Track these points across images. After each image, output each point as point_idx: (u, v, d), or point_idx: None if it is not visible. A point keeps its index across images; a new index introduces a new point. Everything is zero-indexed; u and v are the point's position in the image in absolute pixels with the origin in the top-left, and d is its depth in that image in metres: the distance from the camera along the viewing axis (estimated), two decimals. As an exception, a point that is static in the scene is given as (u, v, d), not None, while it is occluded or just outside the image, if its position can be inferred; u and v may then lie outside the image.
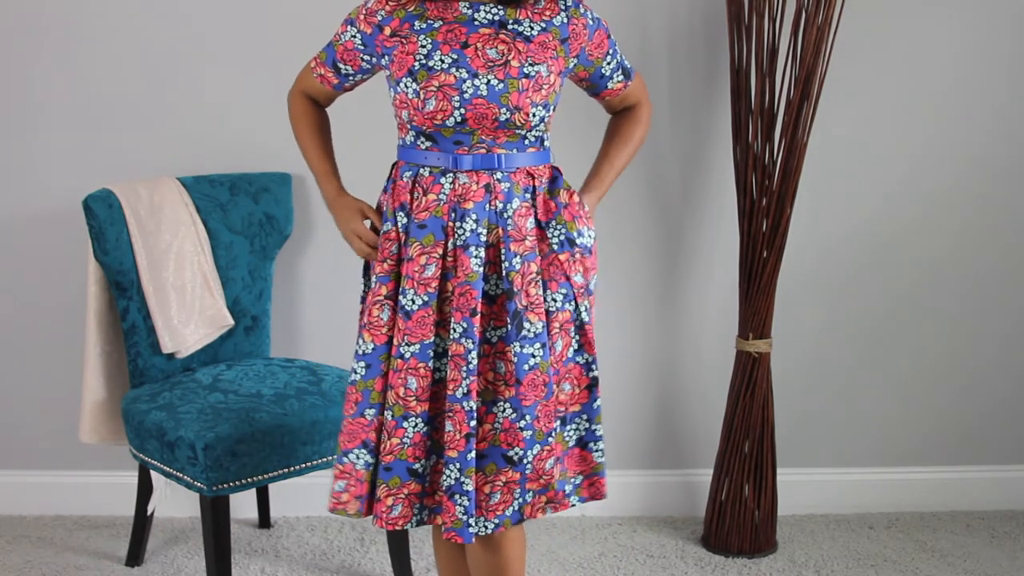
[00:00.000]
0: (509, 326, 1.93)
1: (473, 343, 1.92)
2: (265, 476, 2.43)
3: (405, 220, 1.97)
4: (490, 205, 1.94)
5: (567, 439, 2.06)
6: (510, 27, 1.94)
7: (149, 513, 2.74)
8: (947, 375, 3.13)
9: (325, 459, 2.51)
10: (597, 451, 2.09)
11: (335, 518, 3.06)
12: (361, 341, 1.98)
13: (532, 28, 1.96)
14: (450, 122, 1.90)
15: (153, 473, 2.65)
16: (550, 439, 1.98)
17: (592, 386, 2.06)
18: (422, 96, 1.90)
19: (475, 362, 1.93)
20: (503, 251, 1.94)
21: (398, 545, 2.66)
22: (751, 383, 2.84)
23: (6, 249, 2.95)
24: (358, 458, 1.99)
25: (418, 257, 1.94)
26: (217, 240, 2.74)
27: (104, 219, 2.53)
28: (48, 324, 2.97)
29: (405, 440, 1.95)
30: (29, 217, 2.93)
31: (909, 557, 2.90)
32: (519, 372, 1.94)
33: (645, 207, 2.97)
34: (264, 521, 3.01)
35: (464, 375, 1.92)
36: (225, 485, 2.37)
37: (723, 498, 2.89)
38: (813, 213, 2.98)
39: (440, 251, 1.94)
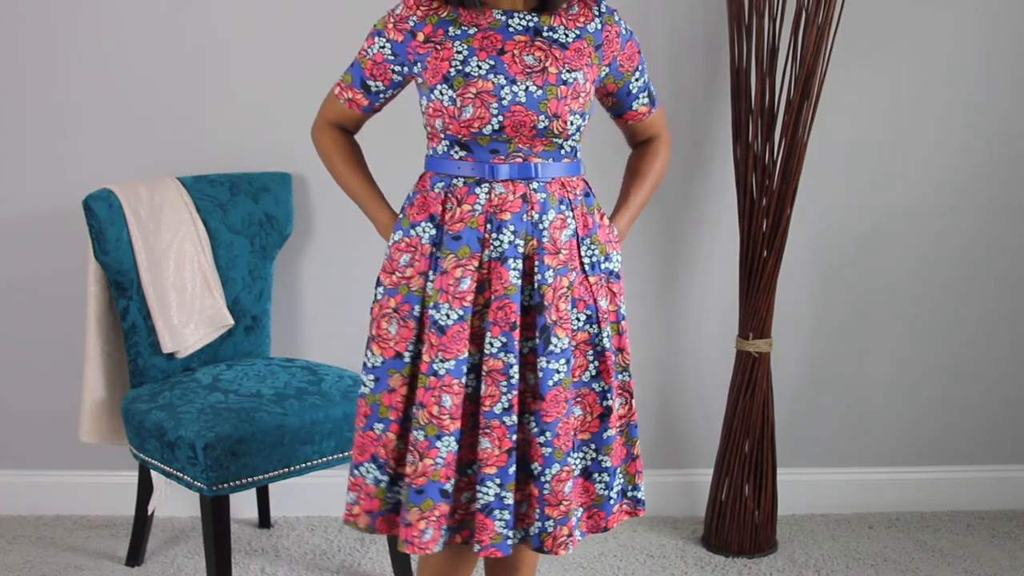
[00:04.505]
0: (537, 340, 1.89)
1: (515, 357, 1.88)
2: (265, 476, 2.43)
3: (434, 231, 1.91)
4: (527, 216, 1.89)
5: (574, 467, 1.99)
6: (545, 34, 1.91)
7: (149, 513, 2.74)
8: (947, 375, 3.13)
9: (325, 459, 2.51)
10: (600, 483, 2.00)
11: (335, 518, 3.06)
12: (370, 353, 1.94)
13: (567, 35, 1.92)
14: (487, 130, 1.86)
15: (153, 473, 2.65)
16: (568, 459, 1.93)
17: (605, 415, 1.98)
18: (459, 103, 1.85)
19: (516, 376, 1.88)
20: (537, 263, 1.89)
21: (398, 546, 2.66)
22: (751, 383, 2.84)
23: (6, 249, 2.95)
24: (368, 472, 1.95)
25: (453, 270, 1.87)
26: (217, 240, 2.74)
27: (104, 219, 2.53)
28: (48, 324, 2.97)
29: (439, 460, 1.87)
30: (29, 217, 2.93)
31: (909, 557, 2.90)
32: (543, 387, 1.89)
33: (645, 207, 2.97)
34: (264, 521, 3.01)
35: (504, 390, 1.88)
36: (225, 485, 2.37)
37: (723, 498, 2.89)
38: (813, 213, 2.98)
39: (476, 263, 1.88)
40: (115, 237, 2.55)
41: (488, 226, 1.88)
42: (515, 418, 1.88)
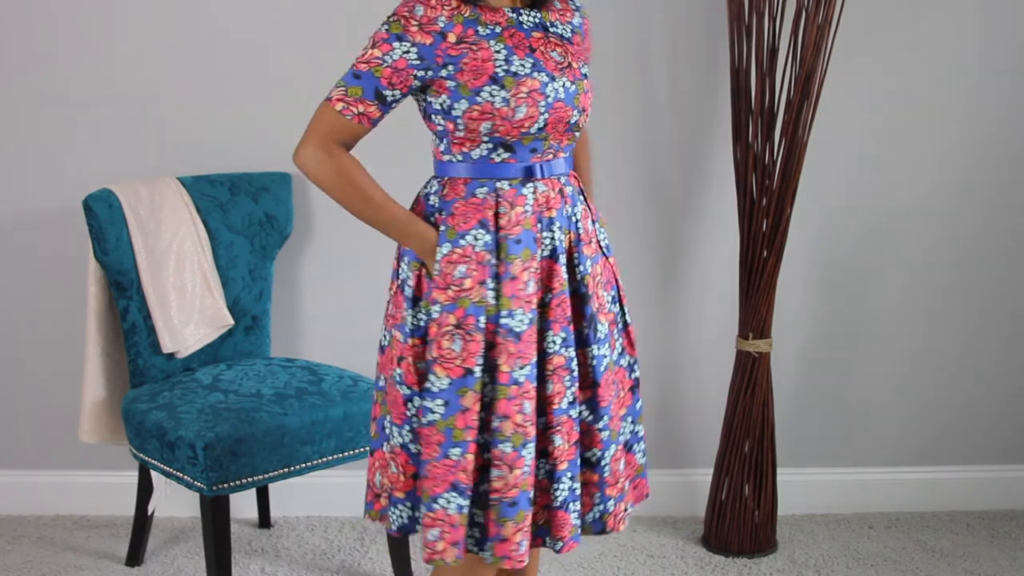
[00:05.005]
0: (586, 329, 1.91)
1: (574, 351, 1.90)
2: (265, 476, 2.43)
3: (489, 238, 1.85)
4: (564, 211, 1.91)
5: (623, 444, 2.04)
6: (551, 30, 1.91)
7: (149, 513, 2.74)
8: (947, 375, 3.12)
9: (325, 459, 2.51)
10: (640, 451, 2.06)
11: (335, 518, 3.06)
12: (433, 377, 1.83)
13: (566, 30, 1.93)
14: (534, 129, 1.83)
15: (153, 473, 2.65)
16: (620, 438, 1.98)
17: (635, 388, 2.04)
18: (512, 104, 1.80)
19: (577, 370, 1.90)
20: (577, 255, 1.91)
21: (398, 545, 2.66)
22: (751, 383, 2.84)
23: (6, 249, 2.95)
24: (449, 503, 1.84)
25: (520, 274, 1.85)
26: (217, 240, 2.74)
27: (104, 219, 2.53)
28: (48, 324, 2.97)
29: (526, 469, 1.85)
30: (29, 217, 2.93)
31: (909, 557, 2.90)
32: (596, 374, 1.91)
33: (645, 207, 2.97)
34: (264, 521, 3.01)
35: (568, 384, 1.89)
36: (225, 485, 2.37)
37: (723, 498, 2.89)
38: (813, 213, 2.98)
39: (535, 264, 1.86)
40: (115, 237, 2.55)
41: (539, 225, 1.88)
42: (579, 410, 1.91)
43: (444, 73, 1.81)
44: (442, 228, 1.86)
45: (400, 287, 1.91)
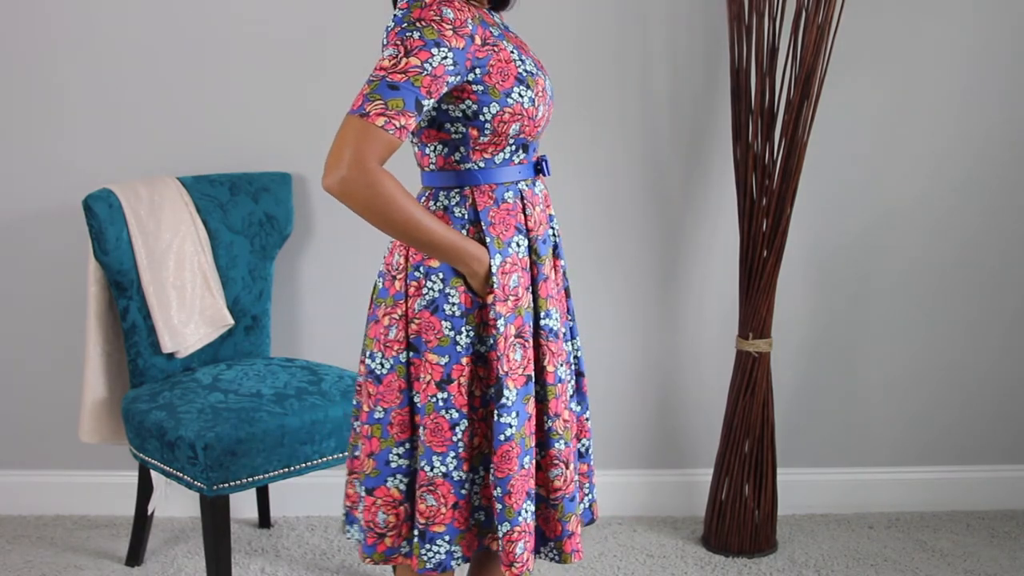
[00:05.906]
0: (571, 322, 1.96)
1: (573, 346, 1.96)
2: (265, 476, 2.43)
3: (525, 242, 1.83)
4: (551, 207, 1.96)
5: None
6: (511, 30, 1.92)
7: (149, 513, 2.74)
8: (947, 375, 3.12)
9: (325, 459, 2.51)
10: None
11: (335, 518, 3.06)
12: (507, 392, 1.77)
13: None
14: (542, 126, 1.84)
15: (153, 473, 2.65)
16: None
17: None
18: (536, 103, 1.78)
19: (573, 364, 1.96)
20: (558, 250, 1.94)
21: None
22: (751, 383, 2.84)
23: (6, 249, 2.95)
24: (526, 511, 1.82)
25: (550, 273, 1.88)
26: (217, 240, 2.74)
27: (104, 219, 2.53)
28: (48, 324, 2.97)
29: (574, 464, 1.92)
30: (29, 217, 2.93)
31: (909, 557, 2.90)
32: (580, 364, 1.98)
33: (645, 207, 2.97)
34: (264, 521, 3.01)
35: (570, 378, 1.93)
36: (225, 485, 2.37)
37: (723, 498, 2.89)
38: (813, 213, 2.98)
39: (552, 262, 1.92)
40: (115, 237, 2.55)
41: (547, 222, 1.91)
42: (576, 405, 1.97)
43: (471, 77, 1.72)
44: (488, 240, 1.78)
45: (429, 307, 1.78)
